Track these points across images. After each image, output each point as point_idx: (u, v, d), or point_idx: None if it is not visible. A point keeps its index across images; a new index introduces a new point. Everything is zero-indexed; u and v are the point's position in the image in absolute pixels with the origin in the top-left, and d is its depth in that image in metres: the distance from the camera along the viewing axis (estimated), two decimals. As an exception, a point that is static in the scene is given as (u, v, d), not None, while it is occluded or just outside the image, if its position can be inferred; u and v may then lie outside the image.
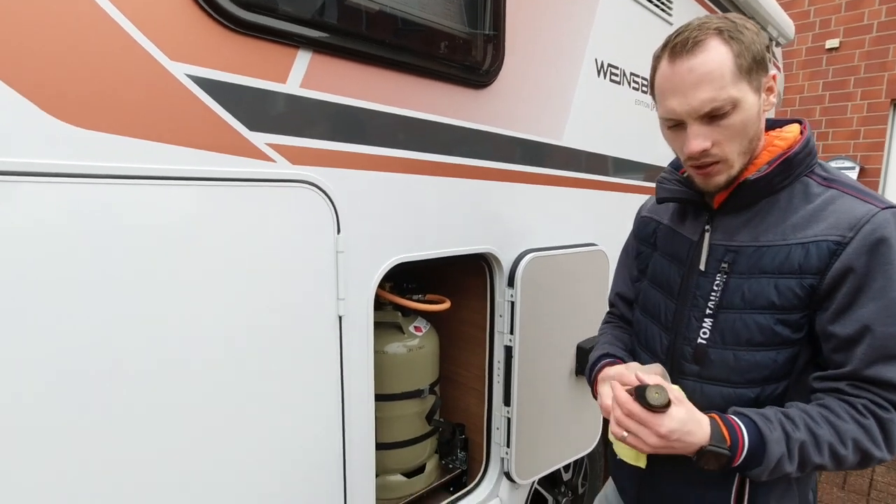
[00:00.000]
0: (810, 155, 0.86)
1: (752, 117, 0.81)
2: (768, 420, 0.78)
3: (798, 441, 0.76)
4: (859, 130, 5.35)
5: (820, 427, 0.76)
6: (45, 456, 0.75)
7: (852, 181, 0.86)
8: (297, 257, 1.02)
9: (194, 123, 0.86)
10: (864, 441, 0.76)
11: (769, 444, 0.76)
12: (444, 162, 1.31)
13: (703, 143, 0.81)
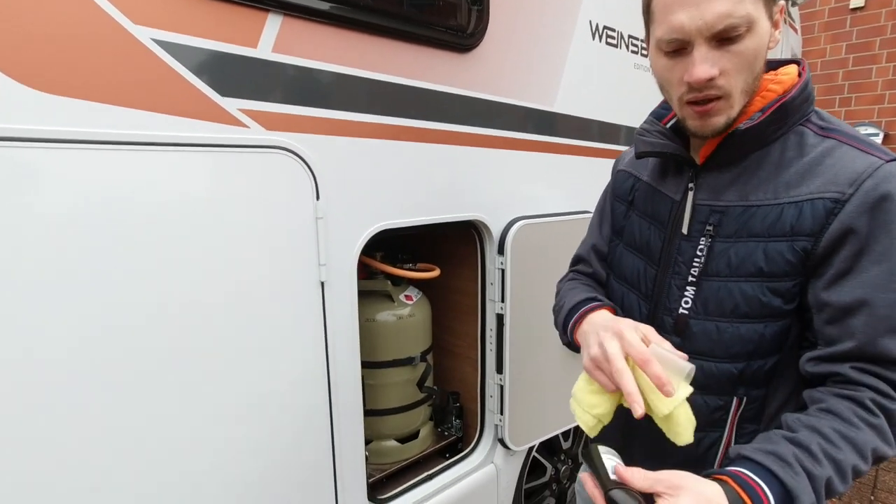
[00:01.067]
0: (807, 101, 0.76)
1: (762, 46, 0.71)
2: (788, 465, 0.63)
3: (824, 479, 0.63)
4: (884, 95, 5.12)
5: (840, 451, 0.64)
6: (40, 402, 0.79)
7: (852, 130, 0.76)
8: (276, 224, 1.03)
9: (163, 89, 0.86)
10: (881, 445, 0.67)
11: (798, 500, 0.62)
12: (428, 128, 1.30)
13: (711, 70, 0.70)
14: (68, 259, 0.79)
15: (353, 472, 1.24)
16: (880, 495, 2.44)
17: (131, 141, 0.84)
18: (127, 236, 0.84)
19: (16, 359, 0.76)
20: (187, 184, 0.91)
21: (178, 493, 0.95)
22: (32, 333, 0.77)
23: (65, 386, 0.80)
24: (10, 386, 0.76)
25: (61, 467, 0.82)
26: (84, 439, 0.83)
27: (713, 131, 0.76)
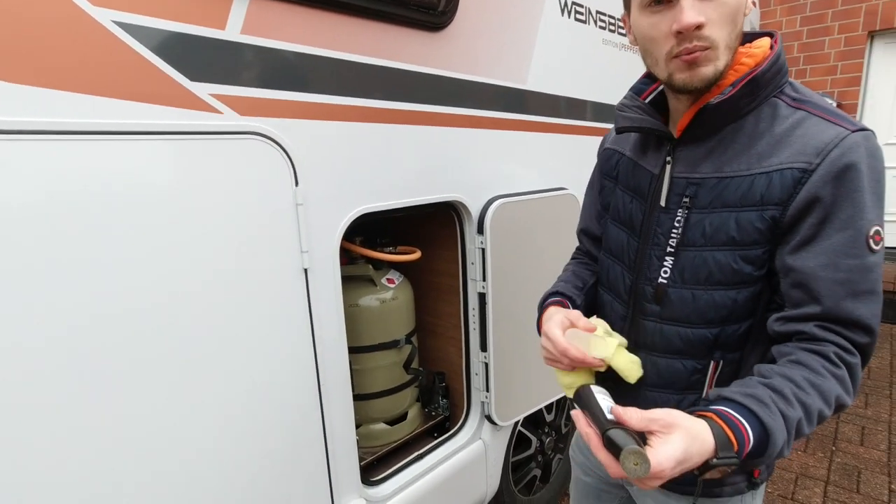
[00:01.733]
0: (780, 73, 0.78)
1: (741, 4, 0.74)
2: (765, 405, 0.68)
3: (795, 420, 0.68)
4: (836, 66, 5.31)
5: (809, 395, 0.69)
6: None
7: (823, 101, 0.78)
8: (255, 212, 1.01)
9: (127, 74, 0.82)
10: (842, 394, 0.71)
11: (773, 435, 0.66)
12: (404, 109, 1.28)
13: (696, 17, 0.72)
14: (30, 257, 0.75)
15: (346, 456, 1.25)
16: (841, 445, 2.60)
17: (97, 130, 0.80)
18: (98, 231, 0.81)
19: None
20: (160, 174, 0.87)
21: (170, 484, 0.94)
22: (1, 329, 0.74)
23: (42, 381, 0.78)
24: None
25: (43, 461, 0.79)
26: (67, 431, 0.81)
27: (702, 81, 0.76)
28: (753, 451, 0.66)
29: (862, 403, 2.98)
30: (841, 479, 2.35)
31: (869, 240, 0.70)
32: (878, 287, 0.72)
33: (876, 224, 0.71)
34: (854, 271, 0.71)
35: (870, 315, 0.71)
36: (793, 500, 2.22)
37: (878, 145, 0.72)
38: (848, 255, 0.71)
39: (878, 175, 0.71)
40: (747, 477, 0.88)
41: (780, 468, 2.43)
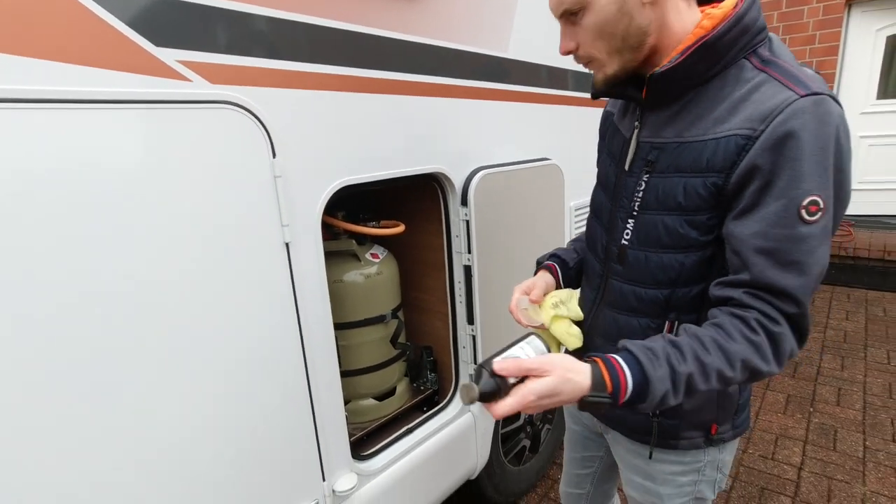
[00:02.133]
0: (746, 33, 0.75)
1: (609, 18, 0.76)
2: (654, 356, 0.73)
3: (684, 374, 0.72)
4: (815, 35, 5.33)
5: (709, 354, 0.72)
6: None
7: (790, 64, 0.75)
8: (231, 185, 0.97)
9: (85, 37, 0.77)
10: (754, 359, 0.72)
11: (652, 383, 0.71)
12: (383, 78, 1.24)
13: (568, 44, 0.83)
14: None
15: (335, 432, 1.24)
16: (818, 406, 2.69)
17: (52, 98, 0.74)
18: (58, 210, 0.76)
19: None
20: (124, 146, 0.82)
21: (157, 466, 0.92)
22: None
23: (16, 369, 0.75)
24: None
25: (30, 446, 0.77)
26: (51, 416, 0.78)
27: (601, 83, 0.85)
28: (633, 396, 0.72)
29: (838, 366, 3.07)
30: (818, 438, 2.43)
31: (802, 210, 0.69)
32: (811, 258, 0.71)
33: (814, 194, 0.69)
34: (783, 241, 0.71)
35: (797, 286, 0.71)
36: (773, 460, 2.29)
37: (833, 111, 0.69)
38: (778, 225, 0.71)
39: (825, 142, 0.68)
40: (704, 433, 0.93)
41: (759, 430, 2.51)
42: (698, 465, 0.96)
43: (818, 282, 0.73)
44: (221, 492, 1.03)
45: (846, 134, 0.71)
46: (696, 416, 0.91)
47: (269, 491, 1.12)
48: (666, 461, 0.97)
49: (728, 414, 0.93)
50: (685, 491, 0.99)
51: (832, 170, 0.69)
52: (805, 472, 2.21)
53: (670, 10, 0.78)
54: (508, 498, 2.06)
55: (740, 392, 0.94)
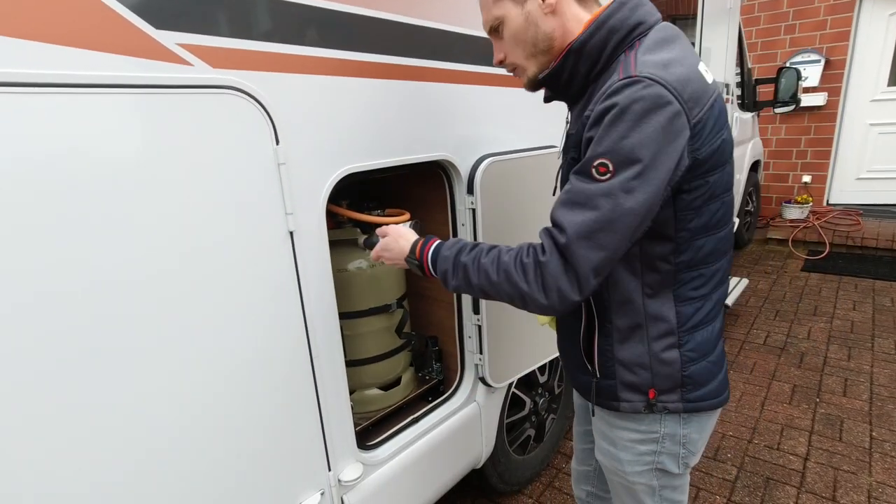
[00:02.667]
0: (614, 33, 0.87)
1: (519, 28, 0.92)
2: (453, 245, 0.98)
3: (462, 264, 0.94)
4: (826, 21, 5.24)
5: (485, 257, 0.92)
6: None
7: (644, 54, 0.83)
8: (235, 172, 0.95)
9: (83, 19, 0.75)
10: (515, 274, 0.86)
11: (438, 261, 0.98)
12: (389, 63, 1.21)
13: (498, 55, 1.00)
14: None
15: (341, 422, 1.24)
16: (825, 396, 2.67)
17: (49, 82, 0.72)
18: (57, 198, 0.74)
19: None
20: (123, 132, 0.80)
21: (163, 457, 0.91)
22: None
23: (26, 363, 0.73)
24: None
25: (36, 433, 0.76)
26: (54, 407, 0.77)
27: (527, 84, 1.01)
28: (430, 265, 1.01)
29: (845, 356, 3.05)
30: (825, 428, 2.41)
31: (592, 169, 0.80)
32: (591, 204, 0.80)
33: (604, 158, 0.79)
34: (573, 191, 0.83)
35: (571, 221, 0.81)
36: (778, 450, 2.28)
37: (646, 92, 0.77)
38: (576, 179, 0.83)
39: (630, 115, 0.77)
40: (644, 398, 0.99)
41: (765, 420, 2.50)
42: (654, 435, 1.01)
43: (606, 236, 0.80)
44: (227, 482, 1.02)
45: (658, 111, 0.77)
46: (628, 376, 0.98)
47: (275, 481, 1.11)
48: (625, 428, 1.03)
49: (669, 382, 0.97)
50: (645, 460, 1.04)
51: (634, 140, 0.77)
52: (811, 462, 2.20)
53: (569, 18, 0.91)
54: (513, 487, 2.06)
55: (683, 363, 0.96)
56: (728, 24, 3.32)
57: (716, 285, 0.97)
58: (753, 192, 5.35)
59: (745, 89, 4.20)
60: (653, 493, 1.07)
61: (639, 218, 0.81)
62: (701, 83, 0.84)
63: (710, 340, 0.98)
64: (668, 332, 0.95)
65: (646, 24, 0.87)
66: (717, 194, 0.89)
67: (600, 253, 0.81)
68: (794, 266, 4.73)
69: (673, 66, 0.81)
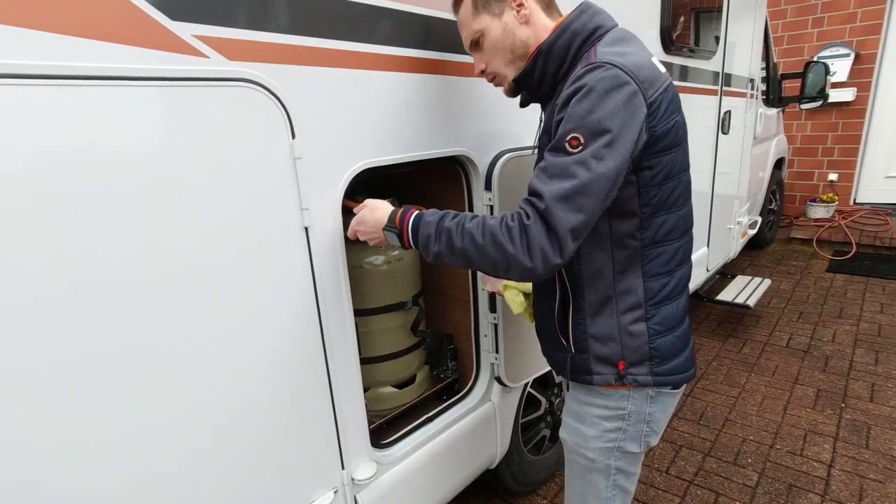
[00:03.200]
0: (577, 36, 0.98)
1: (498, 38, 1.03)
2: (434, 213, 1.00)
3: (445, 228, 0.96)
4: (856, 13, 5.07)
5: (469, 223, 0.94)
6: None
7: (605, 46, 0.94)
8: (249, 166, 0.94)
9: (98, 11, 0.74)
10: (501, 237, 0.90)
11: (420, 227, 0.99)
12: (407, 56, 1.19)
13: (479, 65, 1.10)
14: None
15: (355, 420, 1.22)
16: (850, 401, 2.59)
17: (64, 74, 0.71)
18: (71, 192, 0.73)
19: None
20: (138, 125, 0.79)
21: (177, 453, 0.91)
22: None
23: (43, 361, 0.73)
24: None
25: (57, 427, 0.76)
26: (65, 401, 0.77)
27: (507, 93, 1.13)
28: (411, 234, 1.01)
29: (872, 360, 2.96)
30: (850, 435, 2.34)
31: (565, 143, 0.88)
32: (566, 173, 0.87)
33: (575, 132, 0.87)
34: (549, 164, 0.89)
35: (545, 188, 0.88)
36: (802, 456, 2.22)
37: (607, 73, 0.87)
38: (551, 154, 0.90)
39: (595, 94, 0.86)
40: (614, 369, 1.04)
41: (787, 425, 2.43)
42: (622, 412, 1.07)
43: (583, 200, 0.87)
44: (241, 479, 1.01)
45: (618, 87, 0.86)
46: (600, 347, 1.05)
47: (289, 479, 1.10)
48: (594, 405, 1.10)
49: (637, 354, 1.04)
50: (609, 437, 1.09)
51: (601, 114, 0.86)
52: (836, 469, 2.14)
53: (539, 27, 1.03)
54: (527, 487, 2.03)
55: (650, 336, 1.03)
56: (754, 17, 3.22)
57: (679, 263, 1.05)
58: (777, 191, 5.22)
59: (770, 84, 4.08)
60: (608, 476, 1.13)
61: (609, 182, 0.88)
62: (654, 71, 0.93)
63: (675, 315, 1.05)
64: (635, 306, 1.03)
65: (604, 28, 0.99)
66: (674, 174, 0.98)
67: (578, 216, 0.87)
68: (818, 267, 4.61)
69: (628, 55, 0.91)
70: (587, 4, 1.02)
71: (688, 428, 2.47)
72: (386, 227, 1.04)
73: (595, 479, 1.14)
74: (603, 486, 1.14)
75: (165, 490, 0.91)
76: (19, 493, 0.74)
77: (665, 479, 2.14)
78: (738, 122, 3.22)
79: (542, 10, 1.03)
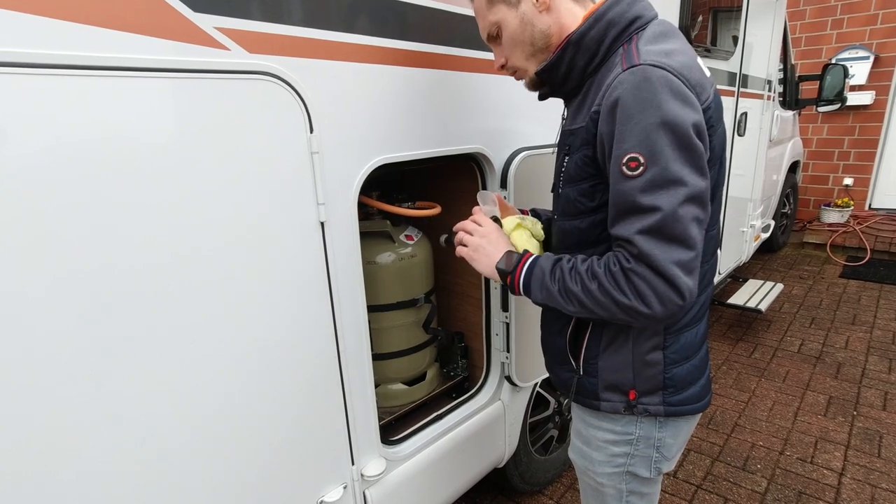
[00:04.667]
0: (613, 27, 0.87)
1: (516, 30, 0.93)
2: (550, 258, 0.93)
3: (560, 267, 0.90)
4: (877, 15, 4.98)
5: (582, 264, 0.87)
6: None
7: (643, 44, 0.83)
8: (266, 160, 0.93)
9: (121, 1, 0.74)
10: (606, 282, 0.82)
11: (535, 267, 0.94)
12: (425, 51, 1.18)
13: (499, 60, 1.00)
14: (21, 214, 0.69)
15: (365, 416, 1.22)
16: (862, 409, 2.56)
17: (85, 64, 0.71)
18: (90, 182, 0.73)
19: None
20: (158, 116, 0.79)
21: (189, 448, 0.91)
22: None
23: (50, 350, 0.73)
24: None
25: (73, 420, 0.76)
26: (80, 394, 0.77)
27: (529, 87, 1.02)
28: (517, 284, 0.96)
29: (885, 368, 2.92)
30: (862, 443, 2.31)
31: (623, 167, 0.78)
32: (636, 207, 0.78)
33: (631, 152, 0.77)
34: (617, 195, 0.81)
35: (628, 233, 0.79)
36: (812, 464, 2.20)
37: (651, 77, 0.76)
38: (615, 183, 0.81)
39: (642, 104, 0.76)
40: (624, 398, 0.98)
41: (797, 431, 2.41)
42: (629, 437, 1.01)
43: (677, 233, 0.77)
44: (252, 473, 1.02)
45: (673, 92, 0.76)
46: (611, 376, 0.98)
47: (299, 473, 1.10)
48: (600, 428, 1.03)
49: (650, 384, 0.97)
50: (617, 462, 1.04)
51: (657, 126, 0.75)
52: (846, 478, 2.11)
53: (563, 14, 0.91)
54: (534, 487, 2.03)
55: (666, 365, 0.96)
56: (774, 17, 3.17)
57: (703, 287, 0.98)
58: (791, 194, 5.16)
59: (787, 86, 4.03)
60: (620, 498, 1.08)
61: (694, 200, 0.77)
62: (702, 74, 0.85)
63: (693, 343, 0.99)
64: (654, 333, 0.96)
65: (644, 19, 0.88)
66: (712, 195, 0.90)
67: (675, 247, 0.77)
68: (831, 272, 4.55)
69: (675, 55, 0.81)
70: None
71: (696, 432, 2.45)
72: (509, 252, 0.99)
73: (607, 501, 1.10)
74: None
75: (178, 482, 0.91)
76: (49, 486, 0.75)
77: (673, 483, 2.12)
78: (753, 124, 3.18)
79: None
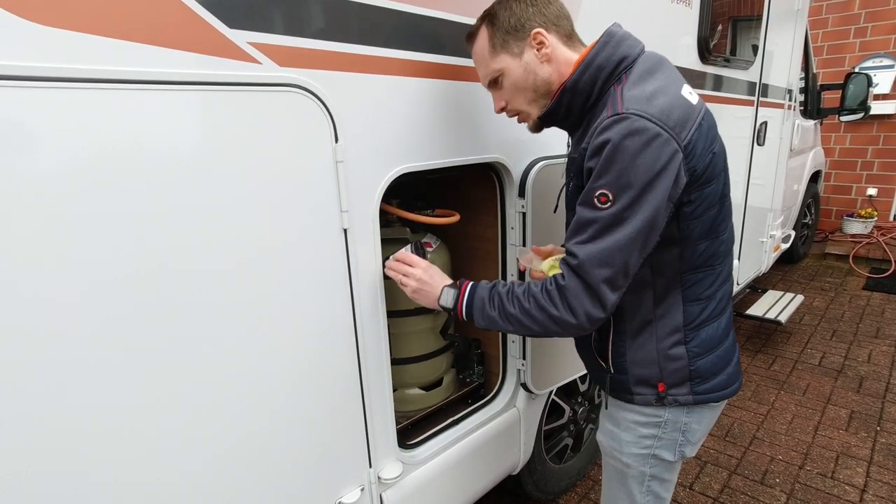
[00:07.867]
0: (602, 70, 0.96)
1: (519, 77, 1.01)
2: (485, 287, 1.05)
3: (497, 293, 1.02)
4: (902, 24, 4.90)
5: (517, 289, 1.00)
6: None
7: (629, 90, 0.91)
8: (293, 168, 0.97)
9: (160, 17, 0.77)
10: (542, 300, 0.95)
11: (476, 294, 1.06)
12: (446, 63, 1.21)
13: (499, 103, 1.08)
14: (45, 220, 0.72)
15: (383, 420, 1.24)
16: (886, 425, 2.51)
17: (124, 79, 0.74)
18: (124, 190, 0.77)
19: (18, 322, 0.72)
20: (193, 128, 0.83)
21: (210, 449, 0.94)
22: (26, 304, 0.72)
23: (77, 354, 0.77)
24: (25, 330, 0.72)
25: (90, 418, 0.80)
26: (107, 392, 0.81)
27: (533, 127, 1.11)
28: (466, 301, 1.06)
29: (910, 383, 2.86)
30: (886, 459, 2.26)
31: (594, 199, 0.89)
32: (594, 230, 0.90)
33: (604, 189, 0.88)
34: (580, 220, 0.92)
35: (581, 250, 0.91)
36: (833, 479, 2.16)
37: (633, 127, 0.85)
38: (581, 208, 0.92)
39: (623, 151, 0.86)
40: (654, 390, 1.06)
41: (818, 446, 2.37)
42: (658, 419, 1.09)
43: (613, 255, 0.89)
44: (272, 474, 1.04)
45: (643, 144, 0.85)
46: (639, 370, 1.06)
47: (318, 475, 1.13)
48: (632, 411, 1.11)
49: (677, 376, 1.05)
50: (644, 444, 1.11)
51: (628, 170, 0.86)
52: (869, 494, 2.07)
53: (561, 63, 1.00)
54: (548, 496, 2.03)
55: (690, 359, 1.04)
56: (795, 25, 3.15)
57: (720, 284, 1.05)
58: (812, 204, 5.08)
59: (808, 95, 3.98)
60: (642, 482, 1.14)
61: (642, 235, 0.89)
62: (685, 109, 0.91)
63: (715, 336, 1.05)
64: (674, 330, 1.03)
65: (630, 58, 0.96)
66: (715, 202, 0.98)
67: (610, 269, 0.89)
68: (854, 284, 4.47)
69: (656, 97, 0.89)
70: (609, 34, 0.98)
71: (714, 444, 2.42)
72: (447, 287, 1.09)
73: (629, 483, 1.16)
74: (637, 491, 1.16)
75: (200, 482, 0.94)
76: (78, 482, 0.78)
77: (689, 496, 2.10)
78: (774, 133, 3.15)
79: (563, 45, 1.01)
